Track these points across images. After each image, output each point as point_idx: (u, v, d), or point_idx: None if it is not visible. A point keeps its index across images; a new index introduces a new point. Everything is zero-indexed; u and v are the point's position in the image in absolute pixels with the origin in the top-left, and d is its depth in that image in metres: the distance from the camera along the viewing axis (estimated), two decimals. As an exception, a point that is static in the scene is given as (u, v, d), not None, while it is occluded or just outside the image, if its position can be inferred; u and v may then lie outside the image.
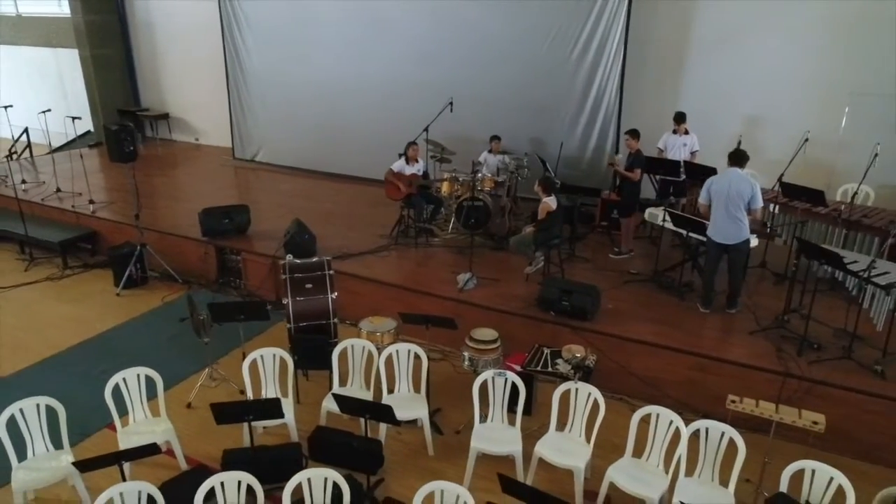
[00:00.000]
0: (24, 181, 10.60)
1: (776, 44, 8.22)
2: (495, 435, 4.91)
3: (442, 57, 9.72)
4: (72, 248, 9.06)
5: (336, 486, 3.97)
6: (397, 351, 5.37)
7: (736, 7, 8.29)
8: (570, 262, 7.59)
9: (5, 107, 11.58)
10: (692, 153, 7.94)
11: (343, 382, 5.47)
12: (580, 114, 9.05)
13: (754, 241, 6.54)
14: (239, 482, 3.91)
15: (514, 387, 4.92)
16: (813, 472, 4.03)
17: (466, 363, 5.37)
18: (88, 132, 14.25)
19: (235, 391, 6.00)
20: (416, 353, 5.36)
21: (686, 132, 8.01)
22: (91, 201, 9.55)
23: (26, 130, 12.35)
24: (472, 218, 8.20)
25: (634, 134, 7.46)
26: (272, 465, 4.62)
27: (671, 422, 4.49)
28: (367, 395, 5.36)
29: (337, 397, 4.58)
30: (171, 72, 13.52)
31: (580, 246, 8.10)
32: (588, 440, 4.79)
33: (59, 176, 10.73)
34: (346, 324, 6.74)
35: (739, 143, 7.50)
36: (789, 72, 8.23)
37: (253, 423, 4.65)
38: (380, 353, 5.35)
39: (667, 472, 4.48)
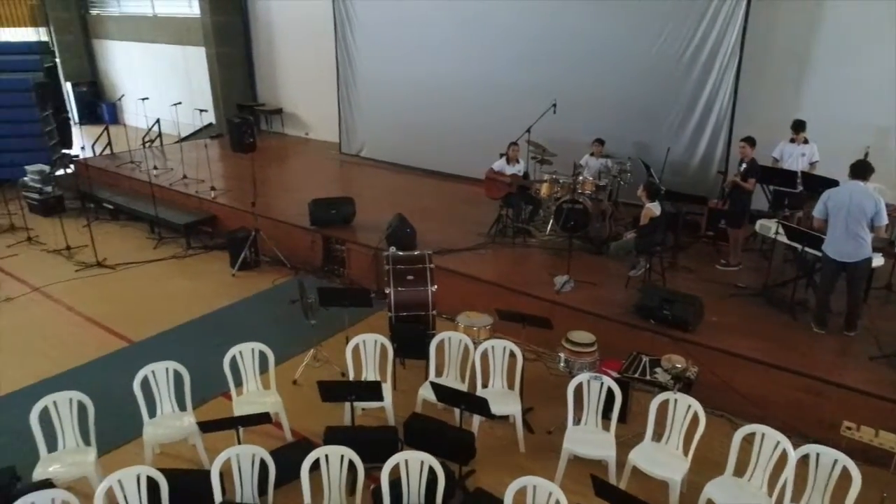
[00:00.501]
0: (155, 167, 11.57)
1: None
2: (589, 438, 4.90)
3: (545, 58, 9.72)
4: (194, 231, 9.80)
5: (431, 470, 4.11)
6: (493, 347, 5.46)
7: (866, 9, 7.75)
8: (672, 271, 7.39)
9: (142, 99, 12.69)
10: (811, 164, 7.51)
11: (439, 373, 5.63)
12: (689, 119, 8.77)
13: (878, 261, 6.12)
14: (342, 456, 4.14)
15: (610, 392, 4.89)
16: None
17: (562, 365, 5.38)
18: (210, 124, 15.35)
19: (337, 373, 6.31)
20: (511, 351, 5.43)
21: (805, 141, 7.60)
22: (212, 188, 10.31)
23: (158, 121, 13.47)
24: (571, 220, 8.15)
25: (751, 141, 7.14)
26: (370, 445, 4.83)
27: (778, 443, 4.30)
28: (462, 388, 5.48)
29: (434, 386, 4.74)
30: (285, 69, 14.31)
31: (683, 255, 7.87)
32: (685, 453, 4.68)
33: (186, 164, 11.64)
34: (441, 317, 6.91)
35: (866, 154, 7.04)
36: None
37: (354, 404, 4.90)
38: (476, 348, 5.47)
39: (770, 496, 4.31)
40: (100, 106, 18.70)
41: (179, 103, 12.03)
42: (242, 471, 4.17)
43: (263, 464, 4.14)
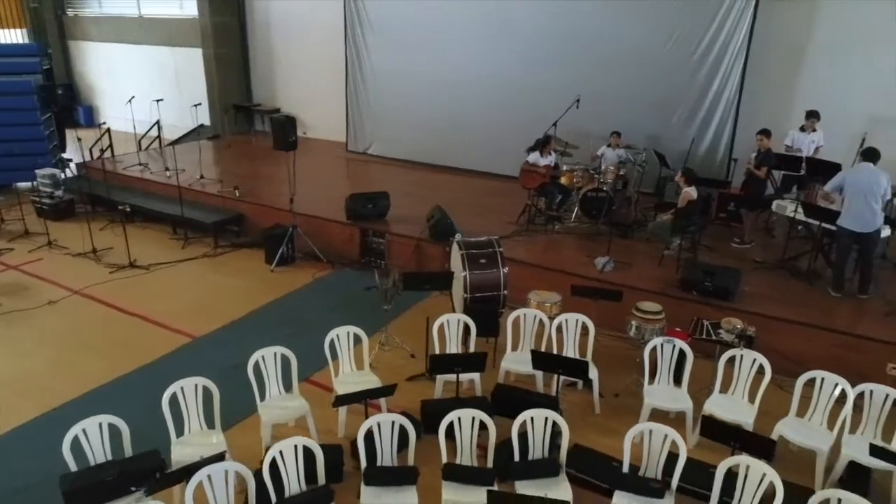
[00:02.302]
0: (167, 169, 11.63)
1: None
2: (665, 394, 5.51)
3: (560, 56, 10.36)
4: (221, 230, 9.99)
5: (555, 424, 4.63)
6: (566, 320, 6.02)
7: (860, 8, 8.67)
8: (689, 248, 8.12)
9: (129, 100, 12.61)
10: (817, 148, 8.38)
11: (514, 348, 6.15)
12: (697, 112, 9.58)
13: (886, 232, 6.97)
14: (472, 418, 4.61)
15: (681, 353, 5.52)
16: (980, 429, 4.52)
17: (633, 331, 5.98)
18: (202, 126, 15.38)
19: (407, 354, 6.74)
20: (583, 323, 6.00)
21: (814, 129, 8.45)
22: (236, 188, 10.49)
23: (158, 123, 13.47)
24: (595, 208, 8.81)
25: (767, 133, 7.95)
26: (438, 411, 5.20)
27: (836, 384, 5.02)
28: (524, 355, 5.98)
29: (534, 353, 5.25)
30: (284, 69, 14.50)
31: (700, 236, 8.62)
32: (752, 402, 5.34)
33: (193, 164, 11.73)
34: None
35: (863, 141, 7.90)
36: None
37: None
38: (551, 322, 6.02)
39: (830, 430, 5.01)
40: (76, 109, 18.37)
41: (161, 99, 12.15)
42: (383, 436, 4.58)
43: (403, 430, 4.57)
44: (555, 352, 5.97)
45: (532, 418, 4.65)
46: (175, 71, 16.03)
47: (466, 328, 5.96)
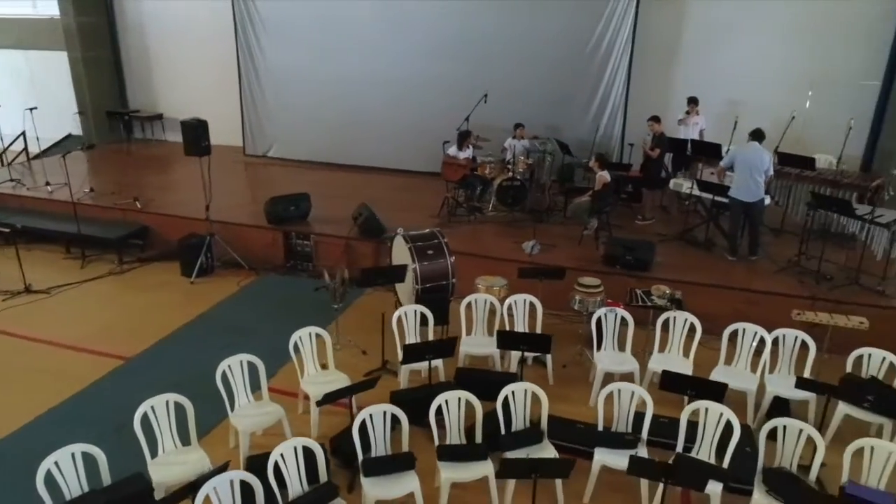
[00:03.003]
0: (48, 183, 10.62)
1: (755, 40, 9.88)
2: (613, 359, 6.07)
3: (460, 51, 10.75)
4: (124, 245, 9.33)
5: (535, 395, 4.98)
6: (515, 301, 6.41)
7: (721, 6, 9.87)
8: (604, 227, 8.85)
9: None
10: (700, 132, 9.43)
11: (469, 332, 6.43)
12: (592, 103, 10.38)
13: (767, 200, 8.06)
14: (459, 398, 4.84)
15: (623, 320, 6.11)
16: (870, 355, 5.47)
17: (577, 304, 6.49)
18: (69, 136, 14.14)
19: (359, 352, 6.80)
20: (531, 302, 6.42)
21: (697, 113, 9.48)
22: (136, 199, 9.83)
23: (23, 134, 12.23)
24: (510, 196, 9.32)
25: (657, 119, 8.85)
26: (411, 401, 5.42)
27: (756, 333, 5.81)
28: (491, 340, 6.33)
29: (500, 333, 5.57)
30: (164, 73, 13.67)
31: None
32: (687, 356, 6.03)
33: (79, 177, 10.82)
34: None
35: (735, 124, 9.04)
36: (765, 63, 9.90)
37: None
38: (502, 304, 6.38)
39: (754, 372, 5.80)
40: None
41: (35, 108, 11.17)
42: (376, 427, 4.68)
43: (395, 419, 4.69)
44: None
45: (513, 392, 4.96)
46: (30, 77, 14.54)
47: (422, 318, 6.16)
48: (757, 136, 7.52)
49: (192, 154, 8.27)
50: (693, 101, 9.50)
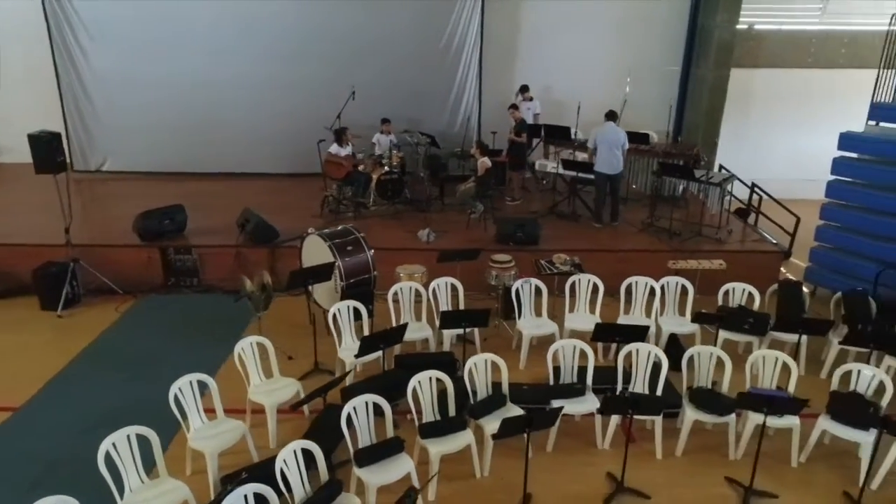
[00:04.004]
0: None
1: (581, 35, 11.19)
2: (535, 323, 6.70)
3: (316, 51, 10.72)
4: (-46, 284, 7.98)
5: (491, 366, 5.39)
6: (438, 285, 6.75)
7: (553, 7, 11.03)
8: (488, 210, 9.47)
9: None
10: (535, 115, 10.45)
11: (398, 319, 6.65)
12: (449, 95, 10.99)
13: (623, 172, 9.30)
14: (430, 378, 5.09)
15: (537, 289, 6.77)
16: (733, 289, 6.73)
17: (494, 280, 7.01)
18: None
19: (284, 357, 6.67)
20: (452, 284, 6.81)
21: (531, 99, 10.47)
22: (-40, 230, 8.40)
23: None
24: (390, 190, 9.59)
25: (515, 107, 9.70)
26: (396, 383, 5.63)
27: (647, 283, 6.81)
28: (422, 325, 6.63)
29: (443, 314, 5.89)
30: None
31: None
32: (593, 312, 6.87)
33: None
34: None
35: (579, 108, 10.22)
36: (591, 54, 11.27)
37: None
38: (427, 289, 6.69)
39: (648, 316, 6.80)
40: None
41: None
42: (360, 418, 4.76)
43: (378, 408, 4.81)
44: (435, 313, 6.68)
45: (475, 364, 5.33)
46: None
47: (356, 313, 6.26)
48: (611, 116, 8.65)
49: (44, 171, 7.33)
50: (524, 89, 10.50)
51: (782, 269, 8.58)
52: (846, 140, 7.60)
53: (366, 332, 6.30)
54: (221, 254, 8.25)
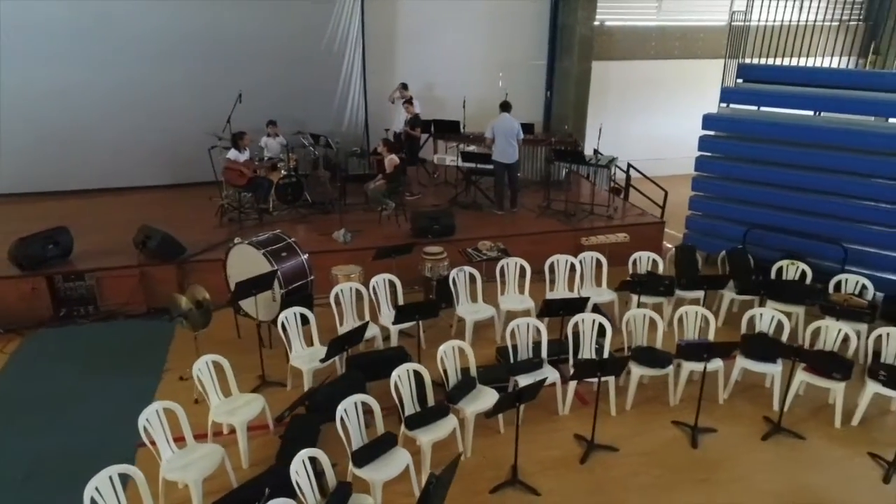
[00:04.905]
0: None
1: (456, 34, 11.63)
2: (472, 308, 6.98)
3: (190, 56, 10.17)
4: None
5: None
6: (377, 282, 6.79)
7: (425, 8, 11.34)
8: (399, 206, 9.50)
9: None
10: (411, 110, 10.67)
11: (342, 322, 6.60)
12: (334, 95, 10.88)
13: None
14: (407, 370, 5.18)
15: (471, 276, 7.07)
16: (639, 258, 7.53)
17: (429, 272, 7.17)
18: None
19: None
20: (390, 280, 6.88)
21: (409, 97, 10.65)
22: None
23: None
24: (290, 193, 9.35)
25: (410, 101, 9.86)
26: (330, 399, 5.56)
27: (567, 261, 7.39)
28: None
29: (397, 309, 5.97)
30: None
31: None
32: (522, 293, 7.32)
33: None
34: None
35: (464, 102, 10.67)
36: (466, 51, 11.76)
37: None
38: (368, 288, 6.70)
39: (572, 290, 7.39)
40: None
41: None
42: (351, 420, 4.73)
43: (366, 405, 4.82)
44: (378, 311, 6.72)
45: (445, 351, 5.50)
46: None
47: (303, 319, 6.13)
48: (505, 107, 9.16)
49: None
50: (403, 87, 10.67)
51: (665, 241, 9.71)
52: (708, 121, 8.78)
53: (315, 338, 6.22)
54: (120, 276, 7.54)
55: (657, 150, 12.22)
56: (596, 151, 9.74)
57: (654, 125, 12.86)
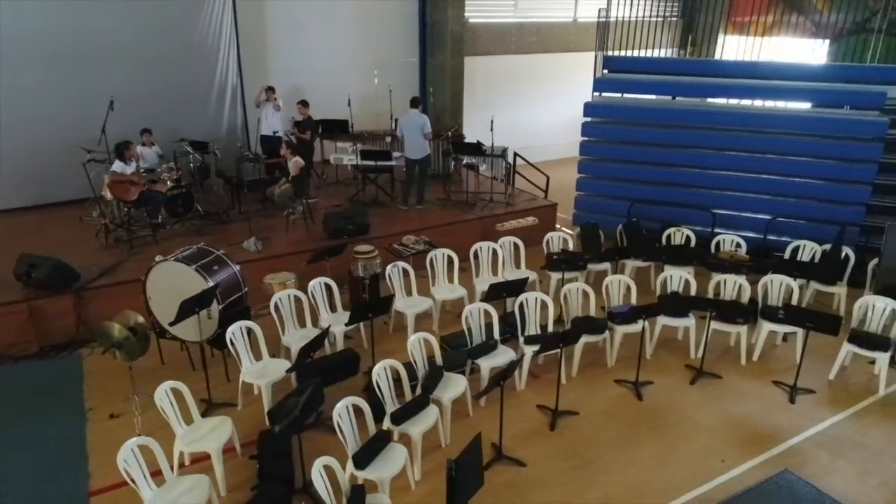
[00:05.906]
0: None
1: (328, 33, 11.44)
2: (410, 303, 7.07)
3: (42, 59, 8.92)
4: None
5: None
6: (314, 286, 6.63)
7: (295, 7, 11.05)
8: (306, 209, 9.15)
9: None
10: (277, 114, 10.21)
11: (283, 330, 6.36)
12: (210, 98, 10.25)
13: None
14: (384, 368, 5.18)
15: (405, 271, 7.16)
16: (552, 237, 8.10)
17: (362, 271, 7.11)
18: None
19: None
20: (326, 283, 6.75)
21: (276, 98, 10.21)
22: None
23: None
24: (180, 205, 8.70)
25: (305, 104, 9.60)
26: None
27: (489, 247, 7.75)
28: (307, 330, 6.46)
29: (353, 309, 5.91)
30: None
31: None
32: (451, 281, 7.54)
33: None
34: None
35: (349, 101, 10.60)
36: (340, 50, 11.63)
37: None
38: (307, 294, 6.53)
39: (496, 275, 7.76)
40: None
41: None
42: (343, 424, 4.65)
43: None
44: (319, 315, 6.58)
45: (413, 344, 5.57)
46: None
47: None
48: (414, 103, 9.27)
49: None
50: (271, 90, 10.14)
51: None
52: (589, 108, 9.61)
53: (263, 350, 5.96)
54: (4, 314, 6.57)
55: (528, 139, 13.02)
56: (479, 142, 10.21)
57: (524, 116, 13.73)
